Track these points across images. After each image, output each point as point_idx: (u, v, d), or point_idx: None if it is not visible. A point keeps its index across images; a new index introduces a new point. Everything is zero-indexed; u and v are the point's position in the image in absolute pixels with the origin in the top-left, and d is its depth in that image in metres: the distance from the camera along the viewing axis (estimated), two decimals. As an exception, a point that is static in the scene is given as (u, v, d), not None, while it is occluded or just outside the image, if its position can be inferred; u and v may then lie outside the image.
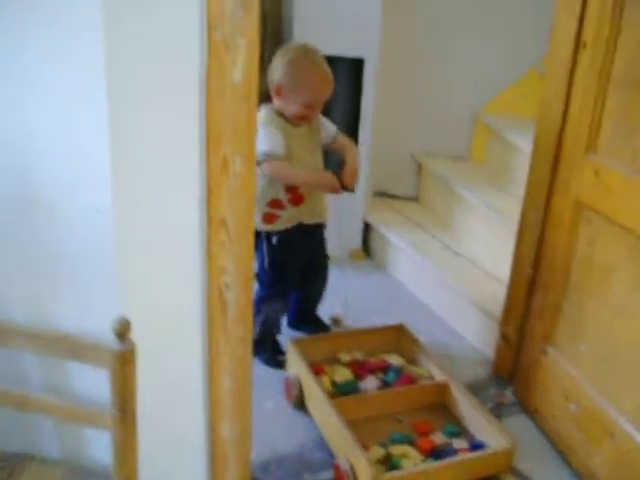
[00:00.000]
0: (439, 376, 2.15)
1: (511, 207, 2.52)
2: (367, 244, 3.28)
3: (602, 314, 1.81)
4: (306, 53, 2.20)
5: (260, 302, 2.34)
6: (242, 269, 1.33)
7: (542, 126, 2.05)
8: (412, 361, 2.27)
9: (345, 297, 2.78)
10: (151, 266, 1.24)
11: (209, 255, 1.28)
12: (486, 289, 2.60)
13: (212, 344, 1.39)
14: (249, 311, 1.42)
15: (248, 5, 1.18)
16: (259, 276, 2.35)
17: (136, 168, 1.17)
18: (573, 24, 1.86)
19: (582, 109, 1.85)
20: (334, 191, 2.20)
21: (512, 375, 2.29)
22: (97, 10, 1.04)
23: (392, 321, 2.44)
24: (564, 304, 1.98)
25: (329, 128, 2.35)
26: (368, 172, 3.11)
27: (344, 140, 2.37)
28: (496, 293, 2.44)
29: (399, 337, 2.35)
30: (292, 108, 2.17)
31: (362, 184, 3.11)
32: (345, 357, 2.27)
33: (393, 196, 3.44)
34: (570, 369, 1.95)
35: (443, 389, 2.10)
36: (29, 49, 1.10)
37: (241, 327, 1.39)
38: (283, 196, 2.21)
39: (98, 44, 1.05)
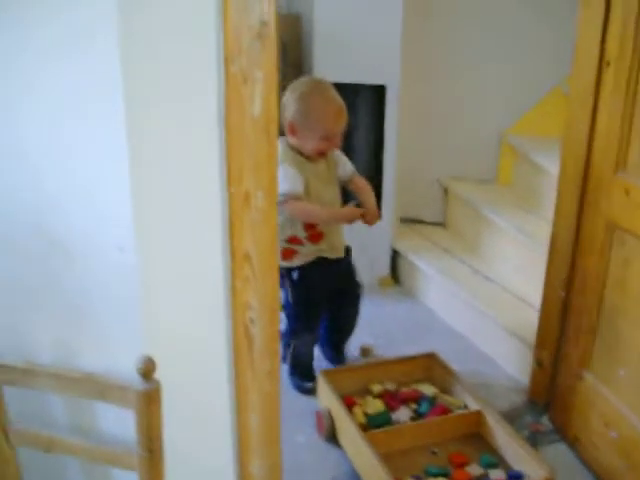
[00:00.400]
0: (473, 405, 2.11)
1: (541, 229, 2.49)
2: (396, 271, 3.25)
3: (639, 337, 1.77)
4: (316, 86, 2.19)
5: (289, 335, 2.35)
6: (267, 304, 1.32)
7: (568, 146, 2.02)
8: (445, 390, 2.24)
9: (375, 327, 2.75)
10: (175, 303, 1.23)
11: (233, 291, 1.27)
12: (518, 314, 2.56)
13: (239, 380, 1.37)
14: (276, 344, 1.40)
15: (265, 37, 1.18)
16: (285, 309, 2.35)
17: (157, 205, 1.17)
18: (596, 42, 1.84)
19: (609, 127, 1.82)
20: (355, 220, 2.22)
21: (548, 402, 2.24)
22: (113, 49, 1.05)
23: (423, 349, 2.41)
24: (599, 328, 1.94)
25: (346, 165, 2.34)
26: (394, 198, 3.10)
27: (360, 182, 2.36)
28: (529, 318, 2.40)
29: (431, 366, 2.32)
30: (309, 144, 2.16)
31: (388, 211, 3.11)
32: (376, 388, 2.23)
33: (420, 222, 3.42)
34: (609, 395, 1.90)
35: (478, 418, 2.06)
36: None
37: (268, 361, 1.38)
38: (301, 234, 2.22)
39: (115, 83, 1.06)
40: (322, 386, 2.16)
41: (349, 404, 2.11)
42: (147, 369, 1.12)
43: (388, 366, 2.32)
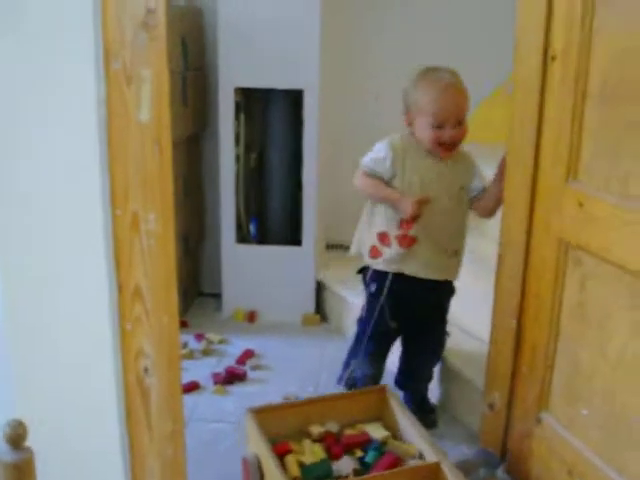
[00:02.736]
0: (429, 455, 2.04)
1: (487, 250, 2.51)
2: (321, 306, 3.24)
3: (602, 369, 1.79)
4: (430, 68, 2.25)
5: (349, 352, 2.43)
6: (165, 349, 1.27)
7: (513, 153, 2.05)
8: (397, 432, 2.19)
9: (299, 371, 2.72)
10: (51, 354, 1.17)
11: (122, 335, 1.22)
12: (465, 349, 2.57)
13: (134, 443, 1.32)
14: (178, 399, 1.36)
15: (152, 28, 1.15)
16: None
17: (25, 231, 1.11)
18: (539, 35, 1.87)
19: (558, 130, 1.85)
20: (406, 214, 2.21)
21: (504, 450, 2.24)
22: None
23: (355, 395, 2.40)
24: (557, 361, 1.95)
25: (481, 181, 2.34)
26: (316, 221, 3.09)
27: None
28: (477, 354, 2.41)
29: (382, 403, 2.27)
30: (424, 135, 2.21)
31: (310, 236, 3.10)
32: (316, 430, 2.16)
33: (348, 248, 3.41)
34: (571, 438, 1.91)
35: (435, 473, 2.01)
36: None
37: (168, 419, 1.33)
38: (393, 231, 2.25)
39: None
40: (250, 428, 2.08)
41: (282, 451, 2.03)
42: (16, 435, 1.06)
43: (331, 403, 2.26)
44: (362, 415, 2.26)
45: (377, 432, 2.18)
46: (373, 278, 2.34)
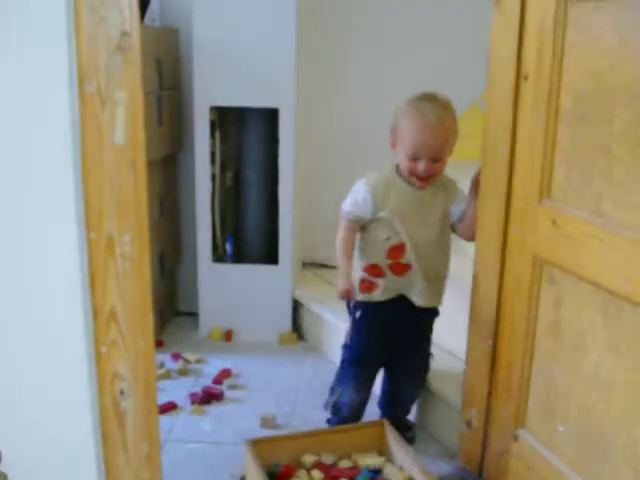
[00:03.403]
0: None
1: (463, 269, 2.52)
2: (298, 325, 3.23)
3: (577, 386, 1.80)
4: (424, 97, 2.24)
5: (335, 380, 2.41)
6: (141, 372, 1.27)
7: (487, 171, 2.06)
8: (392, 461, 2.18)
9: (276, 391, 2.72)
10: (25, 378, 1.16)
11: (98, 358, 1.22)
12: (441, 367, 2.57)
13: (110, 466, 1.31)
14: (154, 421, 1.35)
15: (127, 51, 1.15)
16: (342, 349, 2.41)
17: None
18: (512, 53, 1.89)
19: (531, 149, 1.87)
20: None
21: (481, 467, 2.25)
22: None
23: (334, 415, 2.39)
24: (533, 379, 1.96)
25: (460, 205, 2.32)
26: (293, 239, 3.09)
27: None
28: (454, 372, 2.42)
29: (379, 437, 2.26)
30: (402, 163, 2.23)
31: (287, 254, 3.09)
32: (310, 459, 2.16)
33: (324, 266, 3.42)
34: (547, 455, 1.92)
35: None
36: None
37: (144, 442, 1.32)
38: (383, 261, 2.24)
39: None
40: (248, 460, 2.06)
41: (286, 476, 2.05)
42: (-10, 461, 1.05)
43: (328, 436, 2.25)
44: (358, 448, 2.25)
45: (371, 460, 2.18)
46: (359, 305, 2.32)
